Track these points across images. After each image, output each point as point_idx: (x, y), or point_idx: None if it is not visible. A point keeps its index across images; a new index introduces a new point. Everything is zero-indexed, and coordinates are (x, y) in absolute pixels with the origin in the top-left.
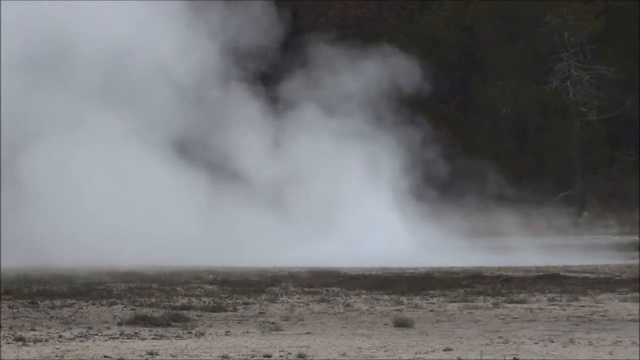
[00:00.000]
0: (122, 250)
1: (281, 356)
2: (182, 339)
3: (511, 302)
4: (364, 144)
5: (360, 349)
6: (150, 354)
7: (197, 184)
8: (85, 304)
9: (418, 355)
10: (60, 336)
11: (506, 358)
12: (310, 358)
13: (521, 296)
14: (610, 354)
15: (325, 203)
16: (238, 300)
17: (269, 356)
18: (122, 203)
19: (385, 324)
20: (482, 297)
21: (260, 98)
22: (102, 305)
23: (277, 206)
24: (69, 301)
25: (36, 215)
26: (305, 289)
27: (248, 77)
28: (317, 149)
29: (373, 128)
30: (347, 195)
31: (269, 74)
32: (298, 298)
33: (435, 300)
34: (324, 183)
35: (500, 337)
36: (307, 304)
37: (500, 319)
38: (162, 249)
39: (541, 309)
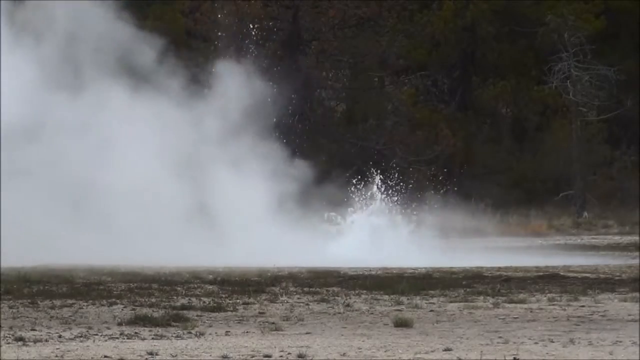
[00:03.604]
0: (122, 250)
1: (281, 356)
2: (182, 339)
3: (511, 302)
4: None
5: (360, 349)
6: (150, 354)
7: None
8: (85, 304)
9: (418, 355)
10: (60, 336)
11: (506, 358)
12: (310, 358)
13: (521, 296)
14: (610, 354)
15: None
16: (238, 300)
17: (269, 356)
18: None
19: (385, 324)
20: (482, 297)
21: None
22: (102, 305)
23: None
24: (69, 301)
25: (37, 214)
26: (305, 289)
27: None
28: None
29: None
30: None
31: None
32: (298, 298)
33: (435, 300)
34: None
35: (500, 337)
36: (307, 304)
37: (500, 319)
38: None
39: (541, 309)
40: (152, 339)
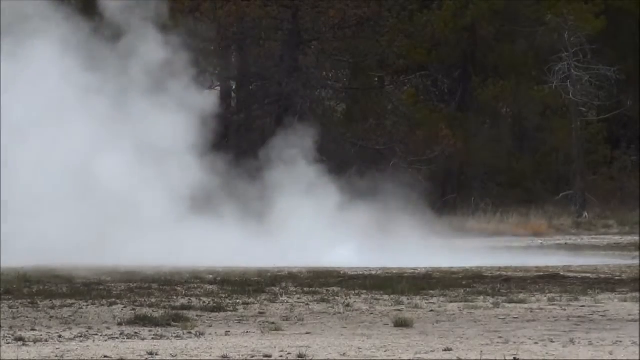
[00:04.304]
0: (122, 250)
1: (281, 356)
2: (182, 339)
3: (511, 302)
4: None
5: (360, 349)
6: (150, 354)
7: None
8: (85, 304)
9: (418, 355)
10: (60, 336)
11: (506, 358)
12: (310, 358)
13: (521, 296)
14: (610, 354)
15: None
16: (238, 300)
17: (269, 356)
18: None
19: (385, 324)
20: (482, 297)
21: None
22: (102, 305)
23: None
24: (69, 301)
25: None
26: (305, 289)
27: None
28: None
29: None
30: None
31: None
32: (298, 298)
33: (435, 300)
34: None
35: (500, 337)
36: (307, 304)
37: (500, 319)
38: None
39: (541, 309)
40: (152, 339)
